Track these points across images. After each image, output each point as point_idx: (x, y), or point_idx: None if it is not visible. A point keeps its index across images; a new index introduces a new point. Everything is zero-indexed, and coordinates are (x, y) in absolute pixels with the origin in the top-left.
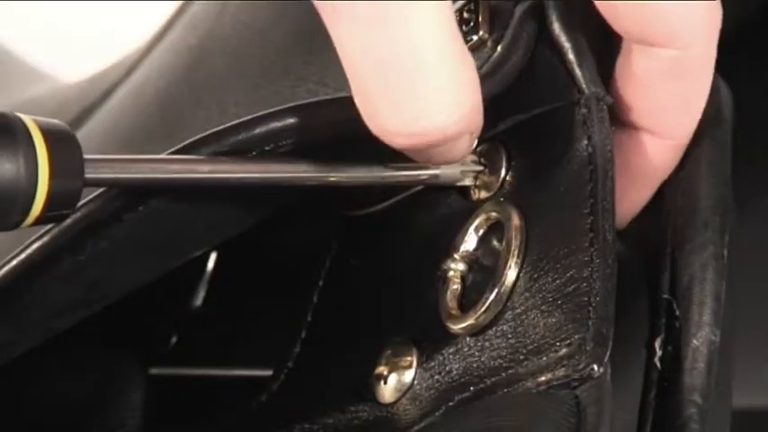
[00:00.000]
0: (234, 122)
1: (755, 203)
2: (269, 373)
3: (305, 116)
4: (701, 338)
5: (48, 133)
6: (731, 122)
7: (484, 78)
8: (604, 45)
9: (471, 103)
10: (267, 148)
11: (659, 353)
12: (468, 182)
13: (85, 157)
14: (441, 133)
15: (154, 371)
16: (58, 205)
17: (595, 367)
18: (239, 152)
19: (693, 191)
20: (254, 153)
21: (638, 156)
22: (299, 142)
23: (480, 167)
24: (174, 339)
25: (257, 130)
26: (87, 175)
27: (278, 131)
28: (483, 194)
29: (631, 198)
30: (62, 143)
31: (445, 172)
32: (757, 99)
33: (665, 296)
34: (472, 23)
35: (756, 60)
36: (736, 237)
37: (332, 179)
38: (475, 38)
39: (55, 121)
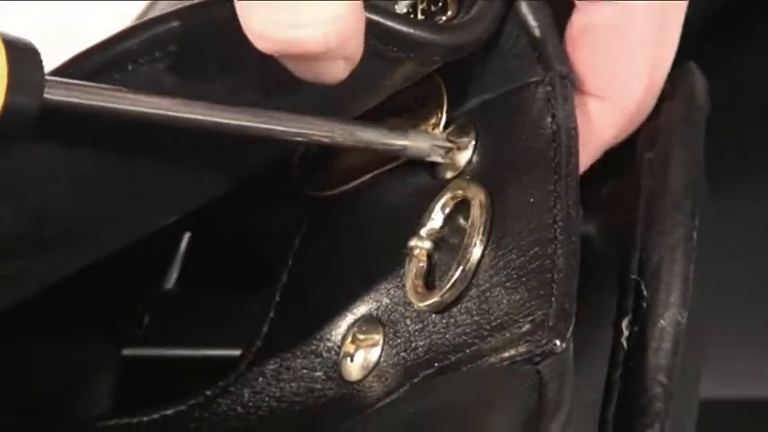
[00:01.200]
0: (116, 32)
1: (730, 190)
2: (239, 352)
3: (187, 18)
4: (668, 319)
5: (10, 46)
6: (705, 108)
7: (450, 27)
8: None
9: (346, 25)
10: (157, 54)
11: (626, 332)
12: (437, 158)
13: (47, 78)
14: (308, 48)
15: (126, 352)
16: (12, 120)
17: (558, 342)
18: (127, 61)
19: (665, 173)
20: (141, 61)
21: (580, 117)
22: (183, 45)
23: (450, 144)
24: (146, 320)
25: (143, 36)
26: (47, 96)
27: (162, 36)
28: (450, 173)
29: None
30: (24, 58)
31: (414, 144)
32: (727, 85)
33: (634, 277)
34: (441, 3)
35: (727, 46)
36: (710, 221)
37: (298, 130)
38: (443, 18)
39: (21, 37)
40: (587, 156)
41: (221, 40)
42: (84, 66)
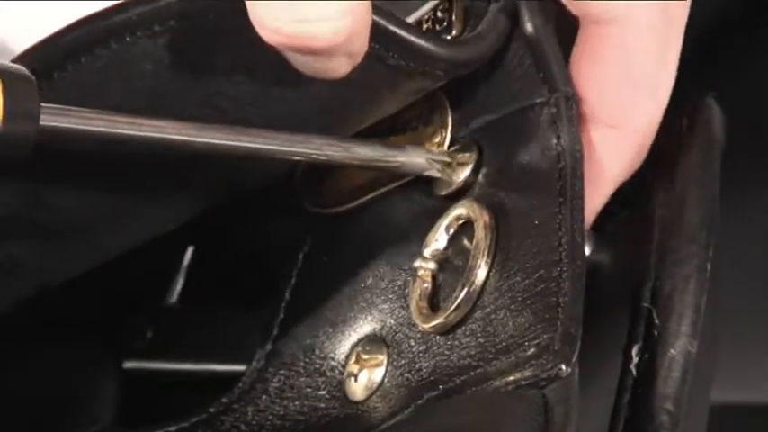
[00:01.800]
0: (118, 2)
1: (733, 193)
2: (242, 368)
3: None
4: (679, 348)
5: (5, 75)
6: (722, 142)
7: (455, 43)
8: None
9: (354, 21)
10: (157, 28)
11: (635, 360)
12: (435, 173)
13: (43, 105)
14: (315, 41)
15: (128, 365)
16: (8, 149)
17: (563, 367)
18: (126, 31)
19: (681, 210)
20: (139, 33)
21: (587, 147)
22: (184, 23)
23: (448, 159)
24: (149, 334)
25: (144, 8)
26: (43, 123)
27: (162, 10)
28: (454, 193)
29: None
30: (19, 86)
31: (410, 161)
32: (740, 93)
33: (646, 305)
34: (446, 22)
35: (740, 56)
36: (719, 247)
37: (292, 149)
38: (449, 37)
39: (15, 65)
40: (602, 190)
41: (223, 24)
42: (84, 32)
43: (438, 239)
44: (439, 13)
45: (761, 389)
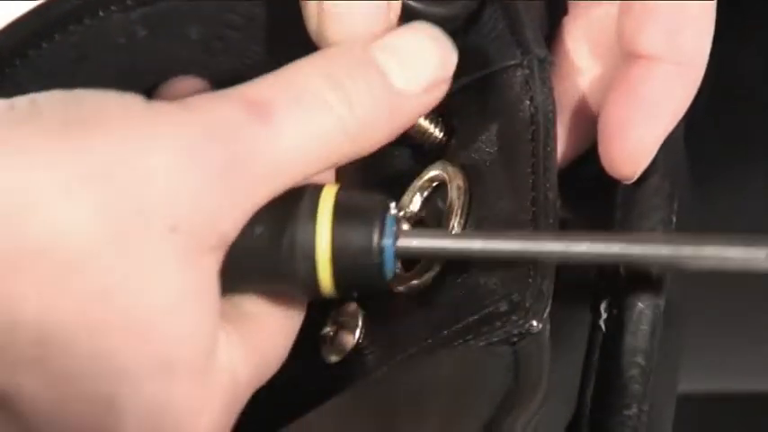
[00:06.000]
0: None
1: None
2: None
3: None
4: (646, 302)
5: None
6: None
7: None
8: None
9: None
10: (130, 2)
11: (604, 315)
12: None
13: None
14: None
15: None
16: None
17: (534, 323)
18: (98, 6)
19: None
20: (113, 8)
21: (646, 83)
22: None
23: None
24: None
25: None
26: None
27: None
28: (429, 155)
29: (640, 132)
30: None
31: None
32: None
33: None
34: None
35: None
36: (689, 204)
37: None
38: None
39: None
40: (654, 124)
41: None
42: (57, 8)
43: (413, 201)
44: None
45: (743, 379)
